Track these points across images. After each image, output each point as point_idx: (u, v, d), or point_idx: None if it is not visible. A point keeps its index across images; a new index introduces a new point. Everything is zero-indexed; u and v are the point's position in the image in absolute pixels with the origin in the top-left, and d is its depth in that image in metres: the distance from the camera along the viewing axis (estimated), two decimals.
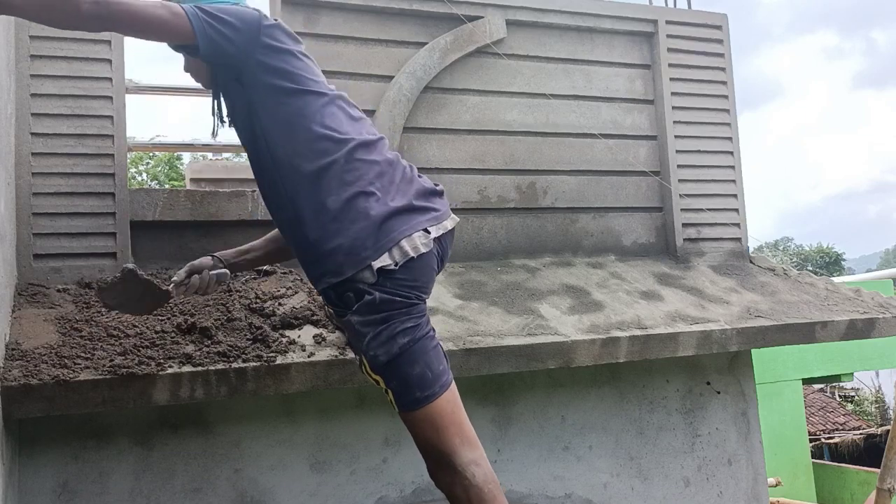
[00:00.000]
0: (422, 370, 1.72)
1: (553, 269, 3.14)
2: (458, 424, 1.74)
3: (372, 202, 1.77)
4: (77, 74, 2.53)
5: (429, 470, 1.76)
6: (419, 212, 1.83)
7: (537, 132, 3.31)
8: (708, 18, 3.66)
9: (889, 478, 3.73)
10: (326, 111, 1.86)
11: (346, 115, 1.90)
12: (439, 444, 1.72)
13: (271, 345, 2.21)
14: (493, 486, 1.71)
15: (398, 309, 1.73)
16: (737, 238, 3.59)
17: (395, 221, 1.77)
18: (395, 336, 1.71)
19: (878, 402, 14.75)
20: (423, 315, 1.79)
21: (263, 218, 2.75)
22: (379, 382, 1.77)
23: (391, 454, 2.70)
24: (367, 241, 1.74)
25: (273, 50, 1.85)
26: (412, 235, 1.77)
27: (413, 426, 1.76)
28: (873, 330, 3.14)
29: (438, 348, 1.80)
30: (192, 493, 2.45)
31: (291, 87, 1.85)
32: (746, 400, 3.35)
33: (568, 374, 2.97)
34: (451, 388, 1.78)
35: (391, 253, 1.74)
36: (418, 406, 1.72)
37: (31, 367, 1.94)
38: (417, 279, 1.77)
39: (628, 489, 3.06)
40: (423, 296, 1.80)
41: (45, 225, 2.45)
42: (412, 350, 1.72)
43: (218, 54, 1.83)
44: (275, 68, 1.85)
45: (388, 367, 1.72)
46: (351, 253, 1.74)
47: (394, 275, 1.73)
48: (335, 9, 3.02)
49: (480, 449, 1.75)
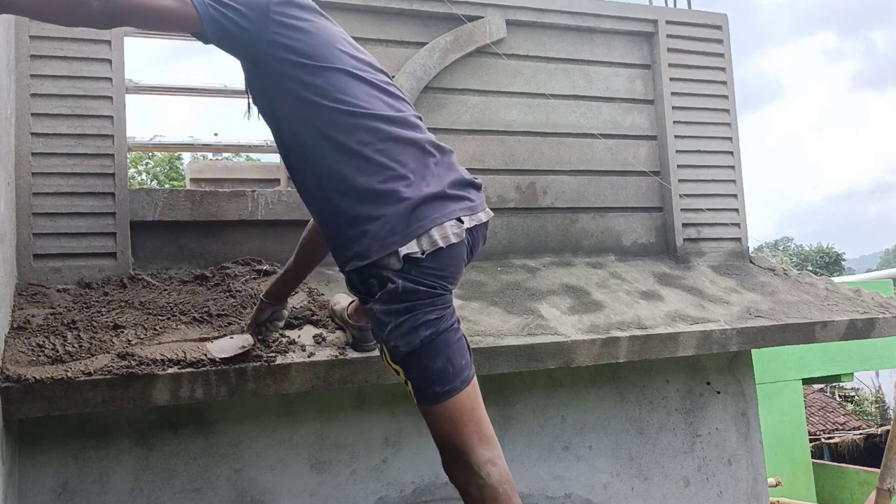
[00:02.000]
0: (443, 364, 1.67)
1: (553, 269, 3.14)
2: (477, 422, 1.70)
3: (405, 186, 1.69)
4: (77, 74, 2.53)
5: (444, 465, 1.72)
6: (453, 200, 1.74)
7: (537, 132, 3.31)
8: (708, 18, 3.66)
9: (889, 478, 3.73)
10: (352, 87, 1.76)
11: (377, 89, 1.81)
12: (456, 441, 1.68)
13: (271, 345, 2.21)
14: (508, 486, 1.67)
15: (422, 299, 1.66)
16: (737, 238, 3.59)
17: (427, 208, 1.69)
18: (418, 328, 1.66)
19: (878, 402, 14.76)
20: (447, 306, 1.72)
21: (263, 218, 2.75)
22: (399, 373, 1.72)
23: (391, 454, 2.70)
24: (396, 225, 1.66)
25: (286, 27, 1.76)
26: (443, 224, 1.69)
27: (431, 420, 1.72)
28: (873, 330, 3.14)
29: (462, 342, 1.75)
30: (192, 493, 2.45)
31: (310, 64, 1.75)
32: (746, 400, 3.35)
33: (568, 374, 2.97)
34: (473, 384, 1.73)
35: (419, 241, 1.66)
36: (438, 400, 1.68)
37: (31, 367, 1.94)
38: (444, 269, 1.70)
39: (628, 489, 3.06)
40: (450, 286, 1.73)
41: (45, 225, 2.45)
42: (434, 343, 1.67)
43: (227, 38, 1.77)
44: (286, 47, 1.76)
45: (409, 358, 1.68)
46: (378, 237, 1.66)
47: (420, 263, 1.66)
48: (335, 9, 3.01)
49: (498, 448, 1.71)
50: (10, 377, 1.88)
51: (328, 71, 1.76)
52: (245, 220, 2.74)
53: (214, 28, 1.75)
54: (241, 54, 1.84)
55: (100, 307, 2.27)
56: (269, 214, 2.76)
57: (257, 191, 2.79)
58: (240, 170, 4.49)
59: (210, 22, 1.74)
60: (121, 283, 2.45)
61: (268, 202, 2.77)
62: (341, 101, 1.74)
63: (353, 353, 2.21)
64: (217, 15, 1.74)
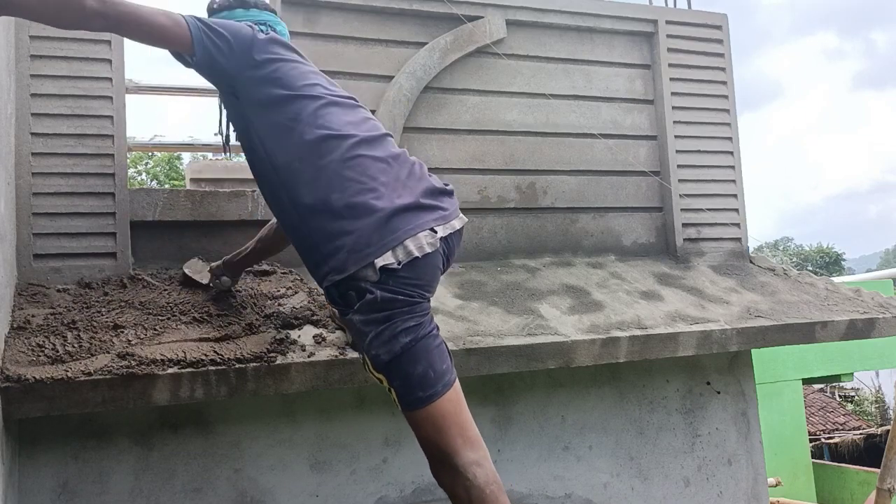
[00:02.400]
0: (424, 369, 1.72)
1: (553, 269, 3.14)
2: (461, 425, 1.74)
3: (376, 199, 1.75)
4: (77, 74, 2.53)
5: (431, 469, 1.76)
6: (426, 210, 1.80)
7: (537, 132, 3.31)
8: (708, 18, 3.66)
9: (889, 478, 3.73)
10: (323, 112, 1.86)
11: (347, 112, 1.90)
12: (441, 444, 1.71)
13: (272, 345, 2.21)
14: (495, 486, 1.70)
15: (400, 307, 1.72)
16: (737, 238, 3.59)
17: (400, 219, 1.75)
18: (397, 335, 1.70)
19: (878, 402, 14.77)
20: (426, 313, 1.78)
21: (263, 218, 2.75)
22: (382, 381, 1.76)
23: (391, 454, 2.70)
24: (371, 237, 1.72)
25: (265, 63, 1.89)
26: (417, 235, 1.75)
27: (416, 425, 1.75)
28: (873, 330, 3.14)
29: (442, 347, 1.79)
30: (192, 493, 2.45)
31: (284, 94, 1.87)
32: (746, 400, 3.35)
33: (568, 374, 2.97)
34: (455, 388, 1.77)
35: (395, 251, 1.72)
36: (421, 405, 1.72)
37: (31, 367, 1.94)
38: (421, 278, 1.76)
39: (628, 489, 3.06)
40: (427, 294, 1.79)
41: (45, 225, 2.45)
42: (414, 349, 1.71)
43: (211, 65, 1.89)
44: (266, 78, 1.88)
45: (391, 366, 1.72)
46: (354, 250, 1.72)
47: (397, 273, 1.71)
48: (335, 9, 3.02)
49: (483, 449, 1.75)
50: (10, 377, 1.88)
51: (302, 99, 1.87)
52: (245, 220, 2.74)
53: (204, 53, 1.86)
54: (220, 82, 1.95)
55: (100, 307, 2.27)
56: (269, 214, 2.75)
57: (257, 191, 2.78)
58: (240, 170, 4.49)
59: (201, 47, 1.85)
60: (121, 283, 2.45)
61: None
62: (314, 125, 1.84)
63: (353, 353, 2.21)
64: (208, 42, 1.86)
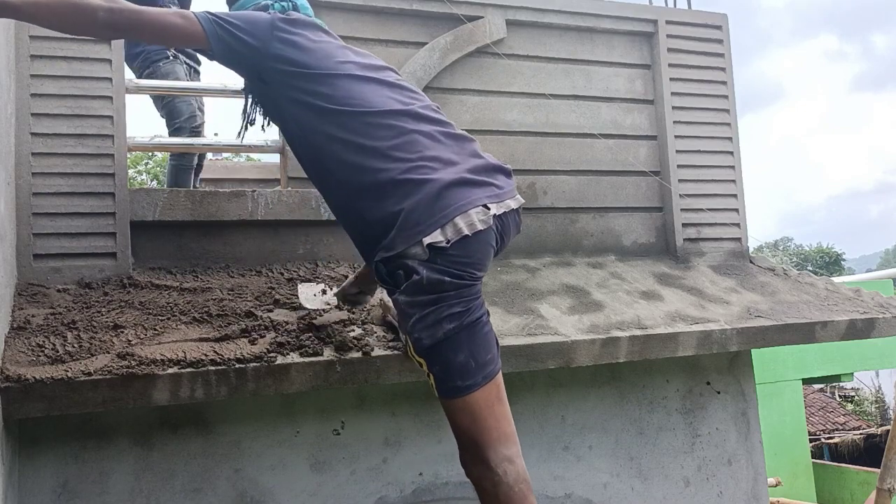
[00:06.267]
0: (465, 358, 1.66)
1: (553, 269, 3.14)
2: (497, 418, 1.69)
3: (425, 175, 1.69)
4: (77, 74, 2.53)
5: (461, 459, 1.72)
6: (478, 186, 1.73)
7: (537, 132, 3.31)
8: (708, 18, 3.66)
9: (889, 478, 3.73)
10: (359, 88, 1.79)
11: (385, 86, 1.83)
12: (475, 436, 1.67)
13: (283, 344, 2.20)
14: (525, 485, 1.67)
15: (447, 291, 1.65)
16: (737, 238, 3.59)
17: (450, 196, 1.68)
18: (441, 321, 1.65)
19: (878, 402, 14.77)
20: (475, 298, 1.71)
21: (263, 218, 2.75)
22: (422, 365, 1.72)
23: (391, 454, 2.70)
24: (421, 216, 1.66)
25: (288, 43, 1.83)
26: (469, 211, 1.67)
27: (450, 413, 1.71)
28: (873, 330, 3.14)
29: (490, 336, 1.73)
30: (192, 493, 2.45)
31: (314, 73, 1.80)
32: (746, 400, 3.35)
33: (568, 374, 2.97)
34: (496, 380, 1.71)
35: (444, 230, 1.65)
36: (458, 395, 1.67)
37: (31, 367, 1.94)
38: (471, 256, 1.68)
39: (628, 489, 3.06)
40: (478, 273, 1.71)
41: (45, 225, 2.45)
42: (458, 336, 1.66)
43: (232, 56, 1.84)
44: (293, 60, 1.81)
45: (431, 351, 1.67)
46: (403, 228, 1.66)
47: (446, 251, 1.65)
48: (335, 9, 3.02)
49: (517, 446, 1.71)
50: (10, 377, 1.88)
51: (333, 78, 1.81)
52: (245, 220, 2.74)
53: (220, 45, 1.82)
54: (245, 71, 1.91)
55: (100, 307, 2.27)
56: (269, 214, 2.76)
57: (257, 191, 2.79)
58: (240, 170, 4.51)
59: (216, 40, 1.81)
60: (121, 283, 2.45)
61: (268, 202, 2.77)
62: (350, 103, 1.77)
63: (353, 353, 2.21)
64: (223, 33, 1.81)
